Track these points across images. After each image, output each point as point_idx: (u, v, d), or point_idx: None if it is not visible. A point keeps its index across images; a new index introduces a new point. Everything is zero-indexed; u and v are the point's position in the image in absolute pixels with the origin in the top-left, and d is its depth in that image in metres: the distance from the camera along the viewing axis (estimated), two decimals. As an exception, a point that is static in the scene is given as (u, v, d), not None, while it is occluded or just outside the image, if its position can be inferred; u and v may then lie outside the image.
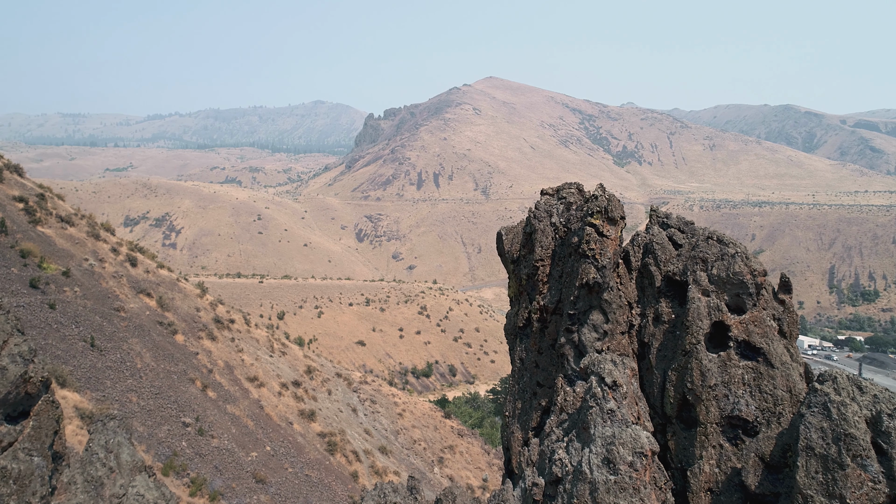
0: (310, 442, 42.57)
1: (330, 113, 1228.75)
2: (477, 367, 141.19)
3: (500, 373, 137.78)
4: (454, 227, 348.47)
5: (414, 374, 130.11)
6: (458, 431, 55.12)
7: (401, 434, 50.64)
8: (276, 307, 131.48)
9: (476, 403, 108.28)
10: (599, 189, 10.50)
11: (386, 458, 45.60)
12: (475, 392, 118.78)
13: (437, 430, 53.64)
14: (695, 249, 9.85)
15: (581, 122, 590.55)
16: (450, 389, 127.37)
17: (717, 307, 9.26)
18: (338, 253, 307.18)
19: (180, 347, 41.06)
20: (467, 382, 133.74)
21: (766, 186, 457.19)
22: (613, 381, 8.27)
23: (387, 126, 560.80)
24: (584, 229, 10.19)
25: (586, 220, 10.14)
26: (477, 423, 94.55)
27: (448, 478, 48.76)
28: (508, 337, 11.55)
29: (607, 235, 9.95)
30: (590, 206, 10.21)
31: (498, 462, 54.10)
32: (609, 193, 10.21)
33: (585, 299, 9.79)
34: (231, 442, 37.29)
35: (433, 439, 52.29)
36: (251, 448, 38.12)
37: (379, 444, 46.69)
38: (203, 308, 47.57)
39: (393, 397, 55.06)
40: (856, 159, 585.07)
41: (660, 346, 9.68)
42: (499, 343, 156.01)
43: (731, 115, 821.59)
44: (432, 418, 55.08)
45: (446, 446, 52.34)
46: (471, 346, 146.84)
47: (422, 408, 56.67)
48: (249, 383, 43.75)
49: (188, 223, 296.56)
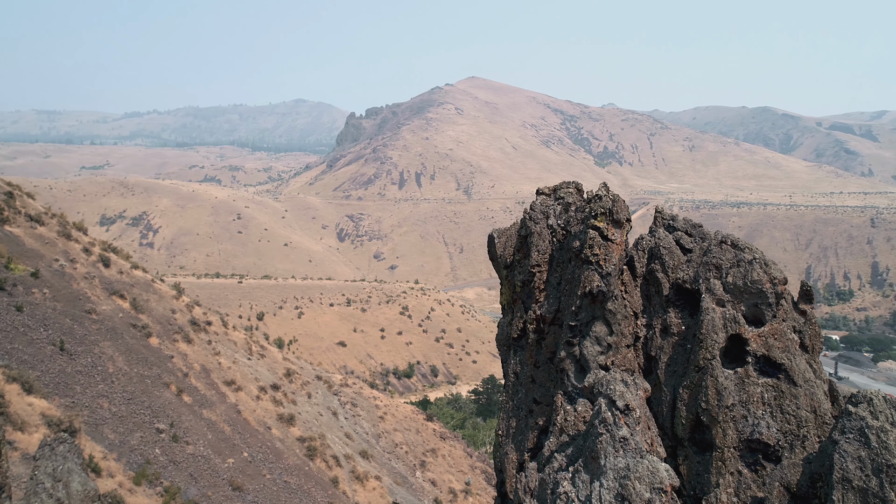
0: (289, 447, 41.56)
1: (311, 112, 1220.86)
2: (459, 367, 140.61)
3: (482, 373, 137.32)
4: (436, 227, 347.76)
5: (395, 374, 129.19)
6: (441, 434, 54.41)
7: (382, 437, 49.79)
8: (255, 308, 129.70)
9: (458, 404, 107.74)
10: (603, 188, 9.75)
11: (367, 463, 44.74)
12: (457, 393, 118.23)
13: (419, 433, 52.87)
14: (707, 255, 9.09)
15: (563, 123, 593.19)
16: (431, 390, 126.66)
17: (733, 319, 8.51)
18: (319, 253, 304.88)
19: (155, 351, 39.81)
20: (449, 383, 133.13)
21: (744, 187, 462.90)
22: (626, 405, 7.33)
23: (369, 125, 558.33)
24: (586, 232, 9.34)
25: (589, 222, 9.32)
26: (459, 425, 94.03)
27: (430, 482, 48.04)
28: (501, 348, 10.76)
29: (612, 239, 9.17)
30: (592, 207, 9.43)
31: (481, 465, 53.48)
32: (613, 193, 9.47)
33: (588, 309, 8.98)
34: (207, 448, 36.17)
35: (415, 442, 51.51)
36: (228, 454, 37.03)
37: (360, 449, 45.80)
38: (179, 310, 46.30)
39: (374, 400, 54.18)
40: (831, 161, 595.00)
41: (668, 360, 8.95)
42: (481, 343, 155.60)
43: (710, 117, 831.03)
44: (414, 421, 54.30)
45: (428, 449, 51.59)
46: (453, 346, 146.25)
47: (404, 410, 55.86)
48: (226, 387, 42.60)
49: (166, 222, 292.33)
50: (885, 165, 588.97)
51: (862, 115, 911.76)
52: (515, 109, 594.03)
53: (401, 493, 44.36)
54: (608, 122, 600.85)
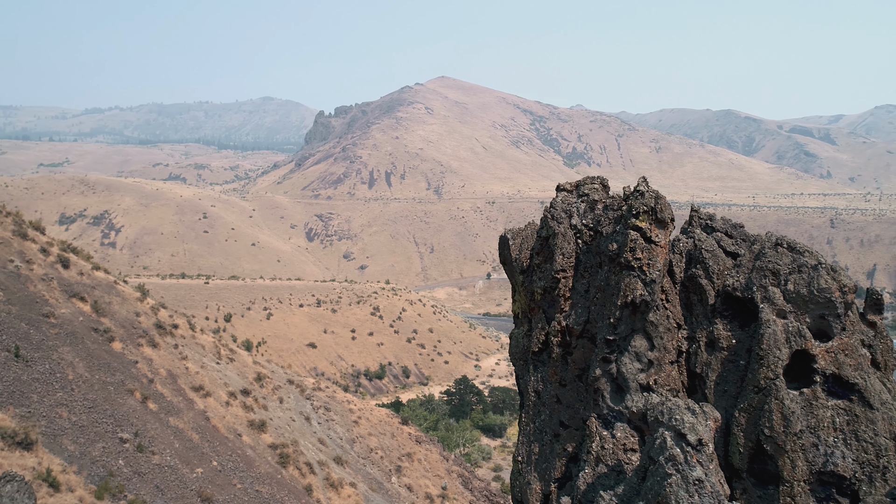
0: (260, 455, 40.09)
1: (279, 110, 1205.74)
2: (431, 368, 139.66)
3: (455, 374, 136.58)
4: (407, 227, 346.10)
5: (367, 376, 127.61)
6: (416, 438, 53.39)
7: (357, 442, 48.57)
8: (222, 309, 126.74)
9: (431, 406, 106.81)
10: (643, 183, 8.85)
11: (341, 469, 43.51)
12: (430, 394, 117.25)
13: (394, 438, 51.77)
14: (760, 259, 8.17)
15: (532, 124, 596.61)
16: (403, 391, 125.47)
17: (797, 332, 7.52)
18: (287, 253, 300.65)
19: (118, 356, 37.95)
20: (421, 384, 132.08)
21: (709, 188, 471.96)
22: (699, 440, 6.18)
23: (338, 124, 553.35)
24: (625, 234, 8.34)
25: (629, 222, 8.34)
26: (432, 426, 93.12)
27: (407, 487, 47.04)
28: (516, 362, 9.73)
29: (656, 242, 8.17)
30: (633, 205, 8.44)
31: (457, 469, 52.63)
32: (654, 189, 8.57)
33: (628, 321, 8.04)
34: (174, 458, 34.55)
35: (390, 447, 50.40)
36: (196, 464, 35.44)
37: (334, 455, 44.53)
38: (143, 312, 44.39)
39: (348, 404, 52.88)
40: (792, 163, 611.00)
41: (718, 378, 8.00)
42: (452, 344, 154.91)
43: (676, 119, 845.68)
44: (389, 425, 53.18)
45: (404, 454, 50.54)
46: (424, 346, 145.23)
47: (378, 414, 54.70)
48: (194, 393, 40.91)
49: (129, 221, 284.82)
50: (842, 168, 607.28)
51: (820, 118, 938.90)
52: (485, 109, 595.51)
53: (376, 499, 43.24)
54: (577, 123, 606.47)
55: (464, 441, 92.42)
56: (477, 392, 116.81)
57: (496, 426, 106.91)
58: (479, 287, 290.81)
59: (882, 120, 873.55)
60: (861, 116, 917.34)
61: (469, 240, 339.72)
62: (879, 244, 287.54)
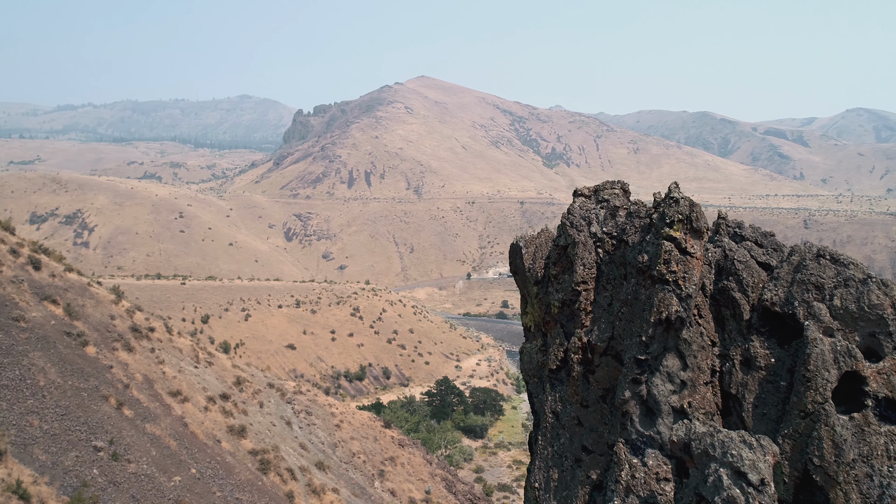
0: (240, 461, 39.12)
1: (257, 108, 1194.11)
2: (411, 368, 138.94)
3: (435, 374, 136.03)
4: (386, 227, 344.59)
5: (347, 377, 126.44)
6: (399, 441, 52.73)
7: (339, 447, 47.76)
8: (199, 310, 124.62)
9: (412, 407, 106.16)
10: (676, 189, 8.31)
11: (323, 475, 42.70)
12: (411, 395, 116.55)
13: (376, 441, 51.05)
14: (801, 271, 7.52)
15: (511, 124, 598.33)
16: (384, 393, 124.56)
17: (846, 352, 6.80)
18: (265, 252, 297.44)
19: (91, 361, 36.71)
20: (402, 385, 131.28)
21: (686, 189, 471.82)
22: (761, 480, 5.56)
23: (317, 123, 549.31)
24: (658, 245, 7.70)
25: (662, 231, 7.77)
26: (413, 428, 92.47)
27: (390, 492, 46.36)
28: (530, 379, 9.09)
29: (692, 253, 7.51)
30: (666, 213, 7.85)
31: (441, 472, 52.08)
32: (688, 196, 8.01)
33: (660, 340, 7.47)
34: (151, 466, 33.49)
35: (373, 451, 49.68)
36: (174, 472, 34.40)
37: (316, 460, 43.71)
38: (118, 315, 43.10)
39: (330, 407, 52.03)
40: (766, 164, 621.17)
41: (756, 401, 7.35)
42: (433, 344, 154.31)
43: (653, 121, 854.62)
44: (371, 428, 52.44)
45: (387, 458, 49.86)
46: (405, 347, 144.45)
47: (360, 418, 53.91)
48: (172, 398, 39.78)
49: (103, 221, 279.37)
50: (814, 170, 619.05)
51: (793, 121, 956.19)
52: (465, 109, 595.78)
53: (359, 505, 42.52)
54: (556, 124, 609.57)
55: (445, 443, 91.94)
56: (458, 393, 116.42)
57: (477, 427, 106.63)
58: (459, 287, 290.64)
59: (853, 123, 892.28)
60: (833, 119, 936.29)
61: (449, 240, 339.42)
62: (851, 244, 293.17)
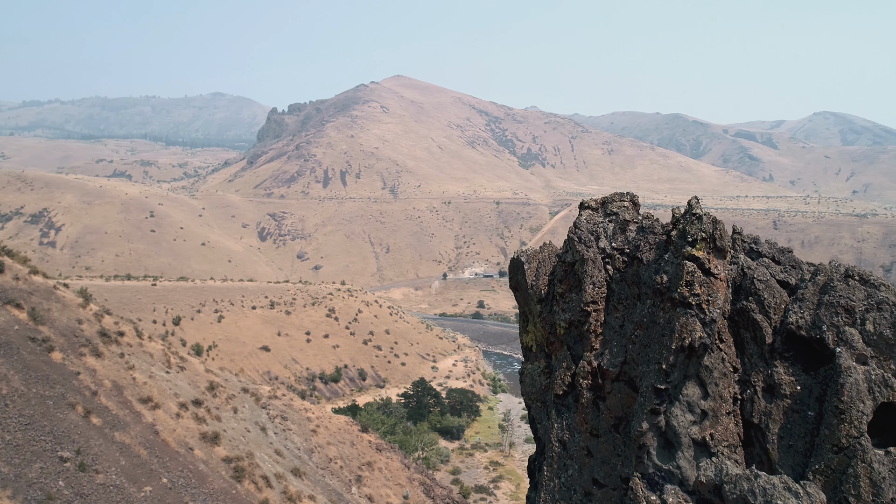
0: (213, 469, 38.09)
1: (230, 106, 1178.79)
2: (388, 370, 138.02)
3: (412, 376, 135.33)
4: (362, 227, 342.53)
5: (322, 379, 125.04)
6: (377, 446, 52.02)
7: (315, 452, 46.90)
8: (171, 312, 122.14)
9: (388, 409, 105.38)
10: (697, 205, 7.77)
11: (300, 482, 41.86)
12: (387, 397, 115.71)
13: (354, 446, 50.29)
14: (828, 293, 7.01)
15: (487, 124, 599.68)
16: (360, 394, 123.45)
17: (882, 382, 6.34)
18: (239, 253, 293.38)
19: (58, 367, 35.40)
20: (378, 386, 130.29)
21: (659, 190, 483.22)
22: None
23: (291, 121, 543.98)
24: (680, 265, 7.20)
25: (684, 251, 7.24)
26: (390, 430, 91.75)
27: (367, 497, 45.66)
28: (532, 403, 8.48)
29: (715, 274, 7.03)
30: (687, 230, 7.29)
31: (419, 476, 51.52)
32: (710, 213, 7.46)
33: (682, 367, 6.96)
34: (120, 476, 32.36)
35: (350, 456, 48.92)
36: (144, 481, 33.30)
37: (292, 466, 42.83)
38: (86, 319, 41.72)
39: (306, 412, 51.11)
40: (737, 166, 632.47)
41: (781, 431, 6.88)
42: (409, 345, 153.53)
43: (627, 122, 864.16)
44: (349, 433, 51.65)
45: (364, 463, 49.14)
46: (381, 348, 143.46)
47: (337, 422, 53.08)
48: (142, 405, 38.58)
49: (70, 220, 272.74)
50: (783, 171, 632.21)
51: (763, 123, 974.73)
52: (441, 109, 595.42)
53: (336, 511, 41.76)
54: (531, 125, 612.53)
55: (422, 444, 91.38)
56: (434, 394, 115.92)
57: (454, 428, 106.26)
58: (435, 287, 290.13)
59: (820, 126, 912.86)
60: (801, 122, 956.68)
61: (425, 240, 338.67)
62: (819, 245, 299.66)
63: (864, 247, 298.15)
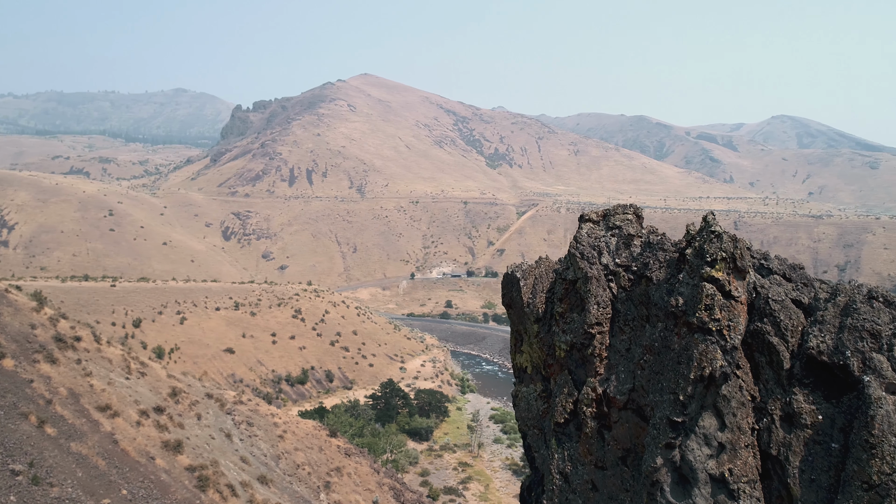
0: (176, 479, 36.80)
1: (193, 102, 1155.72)
2: (355, 371, 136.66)
3: (379, 377, 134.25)
4: (328, 226, 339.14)
5: (288, 381, 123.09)
6: (346, 451, 51.14)
7: (282, 459, 45.82)
8: (131, 314, 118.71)
9: (356, 411, 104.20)
10: (714, 221, 7.30)
11: (266, 489, 40.80)
12: (355, 399, 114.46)
13: (322, 451, 49.34)
14: (850, 316, 6.53)
15: (455, 124, 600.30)
16: (327, 396, 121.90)
17: None
18: (202, 252, 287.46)
19: (9, 375, 33.73)
20: (345, 388, 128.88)
21: (624, 191, 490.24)
22: None
23: (256, 119, 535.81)
24: (699, 287, 6.63)
25: (703, 271, 6.73)
26: (358, 433, 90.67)
27: (336, 504, 44.81)
28: (528, 430, 7.93)
29: (736, 297, 6.59)
30: (705, 249, 6.75)
31: (389, 481, 50.83)
32: (728, 232, 6.97)
33: (700, 398, 6.46)
34: (76, 489, 30.93)
35: (318, 462, 47.96)
36: (103, 494, 31.92)
37: (258, 474, 41.72)
38: (40, 324, 39.97)
39: (273, 417, 49.93)
40: (699, 168, 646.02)
41: (802, 464, 6.39)
42: (377, 346, 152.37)
43: (593, 123, 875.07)
44: (317, 438, 50.66)
45: (333, 468, 48.23)
46: (348, 349, 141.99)
47: (305, 427, 52.02)
48: (100, 413, 37.05)
49: (24, 218, 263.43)
50: (743, 173, 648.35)
51: (724, 126, 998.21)
52: (409, 108, 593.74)
53: (304, 519, 40.84)
54: (499, 125, 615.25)
55: (391, 447, 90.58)
56: (403, 395, 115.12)
57: (423, 429, 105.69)
58: (402, 287, 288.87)
59: (777, 129, 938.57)
60: (759, 125, 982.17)
61: (393, 239, 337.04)
62: (777, 245, 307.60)
63: (819, 247, 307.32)
